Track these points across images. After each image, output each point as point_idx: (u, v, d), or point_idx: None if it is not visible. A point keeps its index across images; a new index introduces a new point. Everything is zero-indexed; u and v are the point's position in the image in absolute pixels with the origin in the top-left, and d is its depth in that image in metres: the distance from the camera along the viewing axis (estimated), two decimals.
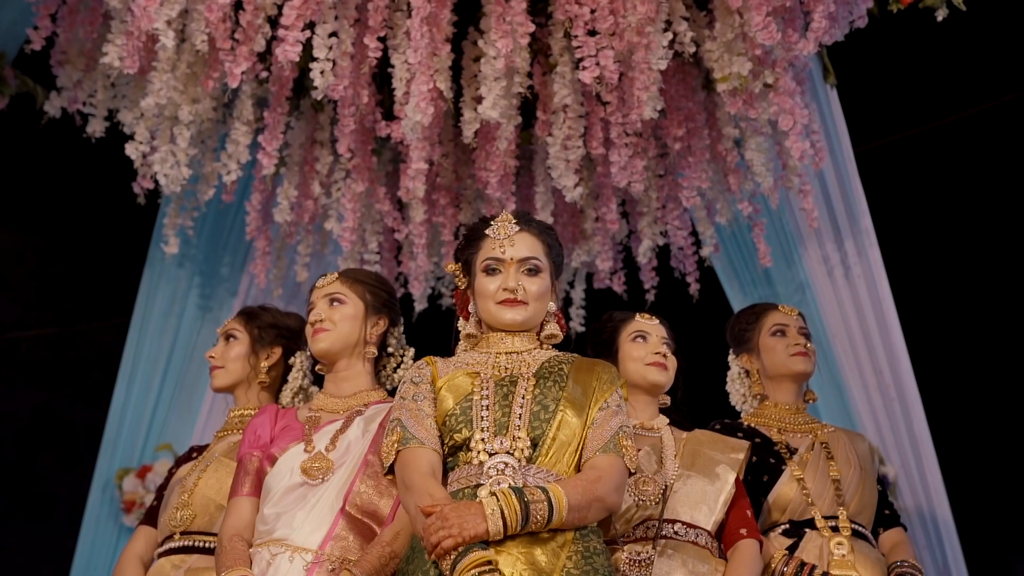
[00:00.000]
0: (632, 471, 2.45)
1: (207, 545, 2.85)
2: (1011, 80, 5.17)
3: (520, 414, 2.42)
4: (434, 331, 3.51)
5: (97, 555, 4.59)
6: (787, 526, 2.95)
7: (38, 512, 5.90)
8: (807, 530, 2.92)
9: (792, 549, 2.89)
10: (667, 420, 2.93)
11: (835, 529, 2.91)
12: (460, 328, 2.67)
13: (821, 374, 4.13)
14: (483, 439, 2.39)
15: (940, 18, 3.70)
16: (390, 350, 2.92)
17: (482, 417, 2.42)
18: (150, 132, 3.97)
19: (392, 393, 2.88)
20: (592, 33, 3.60)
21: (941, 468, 4.42)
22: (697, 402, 3.15)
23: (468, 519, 2.22)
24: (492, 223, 2.63)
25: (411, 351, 2.96)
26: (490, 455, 2.37)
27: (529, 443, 2.39)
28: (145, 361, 4.80)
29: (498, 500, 2.25)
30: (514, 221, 2.62)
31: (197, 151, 4.12)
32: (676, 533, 2.70)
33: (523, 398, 2.45)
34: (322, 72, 3.59)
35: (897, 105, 5.32)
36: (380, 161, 4.46)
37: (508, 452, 2.37)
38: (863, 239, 4.57)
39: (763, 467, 2.99)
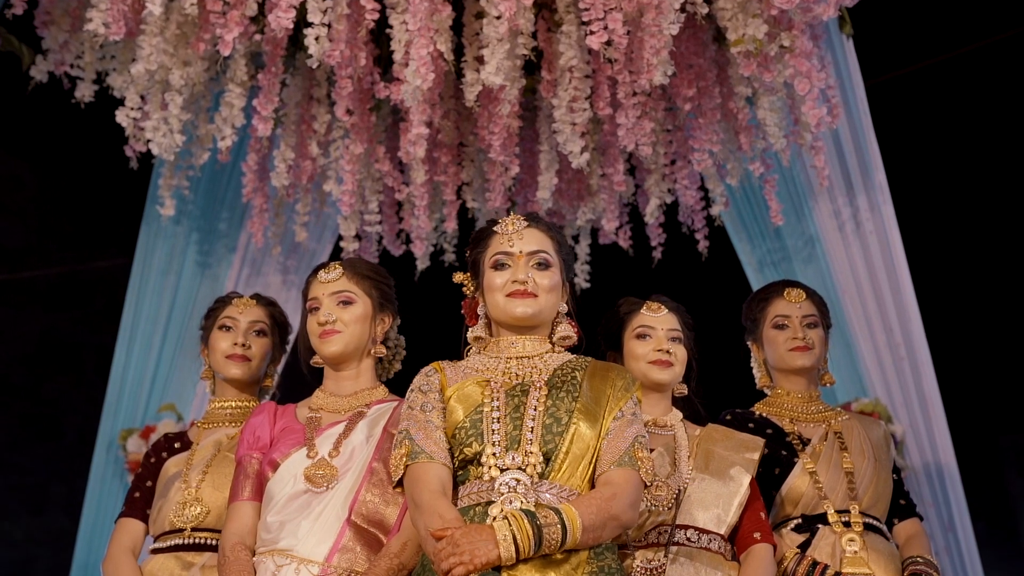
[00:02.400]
0: (648, 483, 2.38)
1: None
2: None
3: (532, 427, 2.35)
4: (436, 289, 3.44)
5: (103, 516, 4.57)
6: (799, 520, 2.90)
7: (48, 433, 5.94)
8: (819, 526, 2.87)
9: (804, 546, 2.85)
10: (681, 415, 2.86)
11: (848, 524, 2.85)
12: (469, 335, 2.58)
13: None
14: (494, 454, 2.33)
15: None
16: (389, 344, 2.84)
17: (493, 430, 2.35)
18: (141, 96, 3.83)
19: (390, 386, 2.83)
20: None
21: (949, 427, 4.39)
22: (703, 369, 3.06)
23: (479, 545, 2.16)
24: (500, 222, 2.57)
25: (402, 339, 2.90)
26: (501, 471, 2.31)
27: (541, 458, 2.32)
28: (145, 320, 4.73)
29: (510, 524, 2.18)
30: (523, 218, 2.57)
31: (190, 115, 3.98)
32: (689, 539, 2.65)
33: (535, 409, 2.37)
34: (317, 38, 3.43)
35: (909, 35, 5.12)
36: (379, 116, 4.31)
37: (520, 468, 2.31)
38: (876, 194, 4.46)
39: (775, 460, 2.92)
